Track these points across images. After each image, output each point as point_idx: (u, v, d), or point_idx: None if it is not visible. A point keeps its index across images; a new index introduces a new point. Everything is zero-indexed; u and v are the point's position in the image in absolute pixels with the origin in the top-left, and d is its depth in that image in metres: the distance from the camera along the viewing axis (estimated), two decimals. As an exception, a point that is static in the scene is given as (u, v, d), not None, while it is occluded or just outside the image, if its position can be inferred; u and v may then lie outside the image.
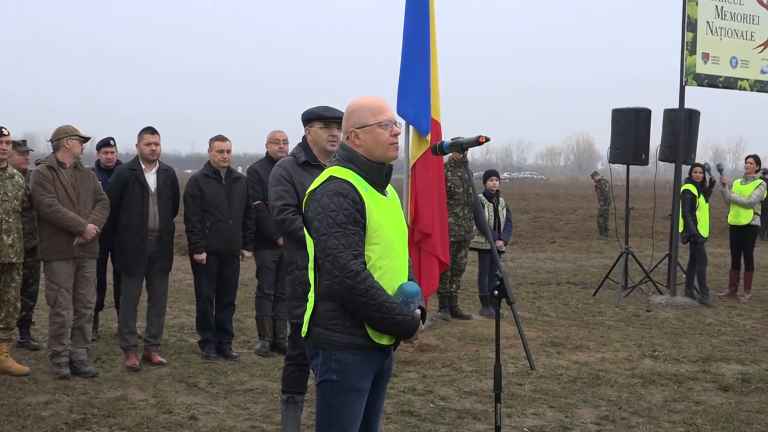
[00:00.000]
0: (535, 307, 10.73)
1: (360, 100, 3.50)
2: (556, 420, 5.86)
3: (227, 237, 7.46)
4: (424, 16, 8.03)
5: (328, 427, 3.35)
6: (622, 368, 7.37)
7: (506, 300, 3.48)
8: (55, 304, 6.78)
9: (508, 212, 10.41)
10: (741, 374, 7.21)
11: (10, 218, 6.70)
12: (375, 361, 3.39)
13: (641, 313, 10.45)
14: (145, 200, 7.15)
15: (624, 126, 11.82)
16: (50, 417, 5.71)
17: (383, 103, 3.50)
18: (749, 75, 12.05)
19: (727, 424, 5.81)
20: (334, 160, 3.49)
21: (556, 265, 15.88)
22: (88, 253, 6.87)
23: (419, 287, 3.44)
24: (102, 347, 7.82)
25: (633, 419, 5.91)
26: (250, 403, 6.17)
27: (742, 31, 11.97)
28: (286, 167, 5.06)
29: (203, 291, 7.56)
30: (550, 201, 39.25)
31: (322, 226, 3.26)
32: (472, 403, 6.21)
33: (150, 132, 7.37)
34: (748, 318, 10.24)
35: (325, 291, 3.31)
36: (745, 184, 11.76)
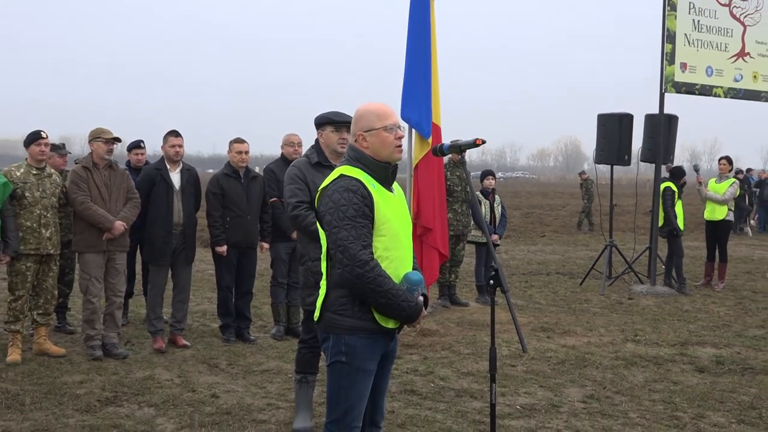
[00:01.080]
0: (527, 296, 10.73)
1: (368, 106, 3.50)
2: (546, 398, 5.86)
3: (245, 231, 7.46)
4: (425, 32, 8.05)
5: (338, 405, 3.35)
6: (607, 351, 7.37)
7: (501, 289, 3.48)
8: (86, 292, 6.80)
9: (502, 208, 10.41)
10: (715, 357, 7.20)
11: (48, 213, 6.72)
12: (381, 344, 3.39)
13: (624, 301, 10.44)
14: (170, 197, 7.16)
15: (608, 130, 11.84)
16: (84, 395, 5.73)
17: (389, 109, 3.50)
18: (723, 83, 12.07)
19: (703, 402, 5.80)
20: (344, 160, 3.49)
21: (546, 257, 15.87)
22: (119, 247, 6.89)
23: (422, 277, 3.44)
24: (131, 331, 7.83)
25: (616, 398, 5.91)
26: (267, 382, 6.18)
27: (717, 43, 11.99)
28: (300, 167, 5.06)
29: (223, 280, 7.57)
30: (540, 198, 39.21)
31: (333, 219, 3.25)
32: (469, 383, 6.22)
33: (174, 135, 7.38)
34: (721, 305, 10.23)
35: (336, 279, 3.31)
36: (719, 183, 11.79)
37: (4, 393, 5.69)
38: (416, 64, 8.00)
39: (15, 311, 6.68)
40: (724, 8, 12.08)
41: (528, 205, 32.00)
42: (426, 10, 8.06)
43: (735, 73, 12.18)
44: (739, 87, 12.23)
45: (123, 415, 5.30)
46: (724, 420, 5.42)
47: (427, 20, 8.05)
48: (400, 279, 3.32)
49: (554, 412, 5.55)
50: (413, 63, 8.01)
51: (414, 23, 8.06)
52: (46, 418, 5.20)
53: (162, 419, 5.24)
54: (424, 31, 8.04)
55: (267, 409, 5.48)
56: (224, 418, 5.26)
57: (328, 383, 3.40)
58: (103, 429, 5.00)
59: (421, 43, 8.03)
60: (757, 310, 9.88)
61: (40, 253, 6.68)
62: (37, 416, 5.23)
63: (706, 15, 11.86)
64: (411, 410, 5.49)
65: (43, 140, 6.80)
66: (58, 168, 7.42)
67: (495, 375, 3.58)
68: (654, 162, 11.61)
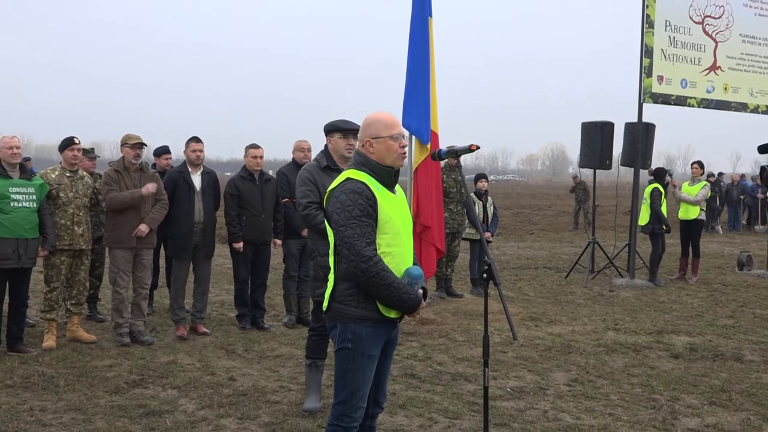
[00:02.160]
0: (517, 288, 10.72)
1: (375, 115, 3.48)
2: (534, 382, 5.86)
3: (260, 229, 7.46)
4: (424, 48, 8.06)
5: (344, 387, 3.35)
6: (589, 339, 7.37)
7: (493, 282, 3.47)
8: (115, 283, 6.81)
9: (494, 208, 10.40)
10: (689, 344, 7.19)
11: (81, 212, 6.73)
12: (384, 332, 3.39)
13: (605, 293, 10.43)
14: (191, 198, 7.16)
15: (591, 137, 11.85)
16: (113, 377, 5.74)
17: (394, 119, 3.49)
18: (696, 94, 12.07)
19: (677, 386, 5.80)
20: (351, 164, 3.48)
21: (534, 253, 15.85)
22: (146, 244, 6.89)
23: (422, 271, 3.43)
24: (156, 320, 7.84)
25: (598, 381, 5.90)
26: (279, 366, 6.18)
27: (690, 57, 11.98)
28: (310, 170, 5.06)
29: (240, 273, 7.57)
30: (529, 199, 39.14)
31: (340, 218, 3.25)
32: (464, 368, 6.21)
33: (195, 141, 7.38)
34: (695, 297, 10.21)
35: (343, 273, 3.31)
36: (692, 186, 11.80)
37: (41, 376, 5.70)
38: (416, 76, 8.01)
39: (50, 301, 6.69)
40: (698, 26, 12.08)
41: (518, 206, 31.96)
42: (425, 28, 8.07)
43: (707, 85, 12.17)
44: (711, 98, 12.23)
45: (148, 396, 5.31)
46: (697, 402, 5.42)
47: (426, 38, 8.07)
48: (401, 273, 3.32)
49: (541, 394, 5.54)
50: (413, 76, 8.02)
51: (414, 41, 8.07)
52: (79, 398, 5.21)
53: (184, 400, 5.24)
54: (424, 48, 8.05)
55: (280, 391, 5.48)
56: (241, 399, 5.26)
57: (336, 367, 3.40)
58: (130, 409, 5.00)
59: (420, 58, 8.04)
60: (727, 302, 9.87)
61: (73, 249, 6.69)
62: (71, 397, 5.24)
63: (681, 32, 11.85)
64: (411, 392, 5.50)
65: (76, 146, 6.81)
66: (88, 170, 7.42)
67: (488, 360, 3.57)
68: (633, 166, 11.61)
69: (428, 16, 8.12)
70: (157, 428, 4.65)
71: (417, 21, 8.07)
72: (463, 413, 5.04)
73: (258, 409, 5.05)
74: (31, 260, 6.36)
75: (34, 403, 5.08)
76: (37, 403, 5.10)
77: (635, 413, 5.12)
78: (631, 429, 4.79)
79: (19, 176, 6.32)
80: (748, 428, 4.86)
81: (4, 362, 6.07)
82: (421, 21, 8.06)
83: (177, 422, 4.76)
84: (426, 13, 8.10)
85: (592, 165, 12.02)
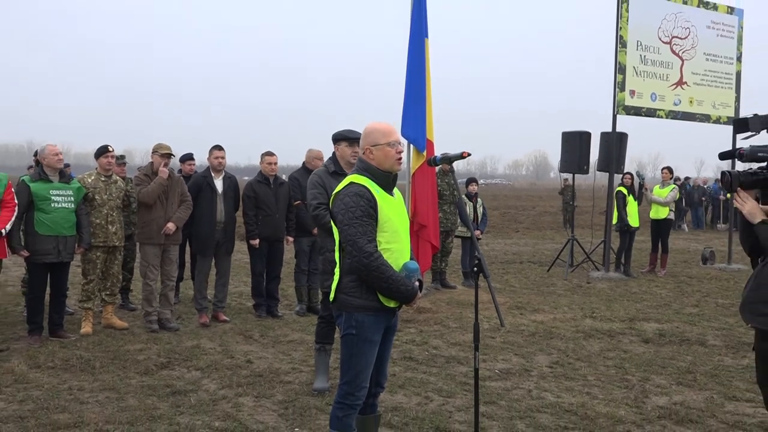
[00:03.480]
0: (504, 280, 10.72)
1: (374, 125, 3.47)
2: (520, 364, 5.85)
3: (274, 227, 7.45)
4: (421, 66, 8.04)
5: (350, 369, 3.34)
6: (569, 326, 7.35)
7: (483, 274, 3.46)
8: (145, 276, 6.80)
9: (484, 209, 10.39)
10: (658, 330, 7.18)
11: (114, 213, 6.73)
12: (384, 319, 3.38)
13: (583, 285, 10.42)
14: (214, 200, 7.16)
15: (570, 144, 11.84)
16: (143, 360, 5.73)
17: (392, 128, 3.47)
18: (665, 107, 12.07)
19: (648, 368, 5.79)
20: (354, 169, 3.47)
21: (519, 249, 15.84)
22: (172, 241, 6.89)
23: (418, 265, 3.42)
24: (182, 309, 7.84)
25: (577, 364, 5.89)
26: (292, 350, 6.18)
27: (659, 74, 11.99)
28: (320, 175, 5.05)
29: (256, 267, 7.56)
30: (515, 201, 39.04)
31: (344, 218, 3.24)
32: (457, 351, 6.21)
33: (218, 149, 7.38)
34: (663, 288, 10.20)
35: (347, 267, 3.30)
36: (662, 188, 11.80)
37: (79, 358, 5.70)
38: (414, 90, 8.00)
39: (87, 292, 6.68)
40: (666, 45, 12.08)
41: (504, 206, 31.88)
42: (422, 48, 8.06)
43: (674, 98, 12.18)
44: (677, 110, 12.23)
45: (175, 377, 5.30)
46: (665, 382, 5.41)
47: (422, 56, 8.05)
48: (399, 267, 3.30)
49: (526, 375, 5.53)
50: (411, 90, 8.01)
51: (412, 59, 8.06)
52: (113, 379, 5.21)
53: (206, 380, 5.24)
54: (420, 65, 8.04)
55: (292, 373, 5.48)
56: (257, 379, 5.26)
57: (342, 352, 3.39)
58: (158, 388, 5.00)
59: (417, 74, 8.02)
60: (692, 293, 9.86)
61: (107, 245, 6.69)
62: (105, 377, 5.24)
63: (651, 51, 11.86)
64: (409, 374, 5.49)
65: (110, 153, 6.81)
66: (119, 175, 7.42)
67: (478, 345, 3.56)
68: (608, 171, 11.61)
69: (425, 38, 8.11)
70: (183, 406, 4.65)
71: (415, 42, 8.07)
72: (456, 392, 5.03)
73: (272, 389, 5.05)
74: (69, 255, 6.36)
75: (72, 383, 5.08)
76: (75, 383, 5.10)
77: (610, 392, 5.11)
78: (606, 406, 4.77)
79: (58, 180, 6.33)
80: (712, 405, 4.84)
81: (46, 346, 6.07)
82: (419, 42, 8.06)
83: (200, 400, 4.76)
84: (423, 34, 8.10)
85: (571, 170, 12.04)
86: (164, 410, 4.54)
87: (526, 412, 4.62)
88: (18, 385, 4.99)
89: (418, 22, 8.08)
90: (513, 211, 29.31)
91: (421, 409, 4.66)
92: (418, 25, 8.07)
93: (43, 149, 6.35)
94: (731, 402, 4.93)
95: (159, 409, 4.55)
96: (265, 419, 4.43)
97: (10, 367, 5.40)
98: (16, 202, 6.04)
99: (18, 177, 6.46)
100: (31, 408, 4.53)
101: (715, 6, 12.75)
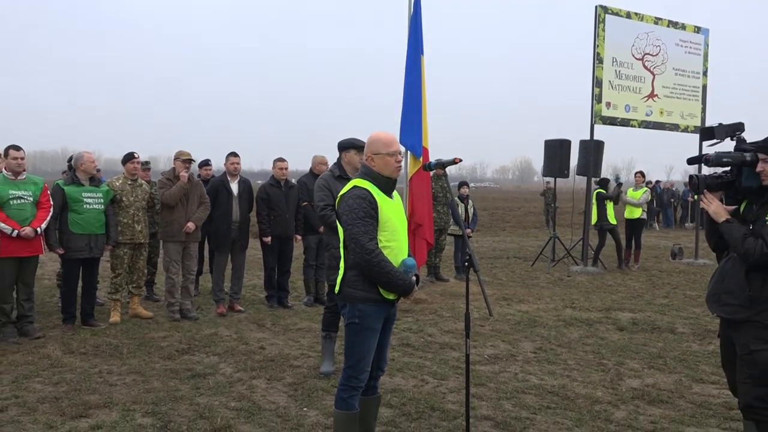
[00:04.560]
0: (492, 274, 10.71)
1: (377, 135, 3.45)
2: (506, 350, 5.85)
3: (285, 226, 7.45)
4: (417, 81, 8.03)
5: (353, 354, 3.34)
6: (551, 315, 7.35)
7: (473, 269, 3.46)
8: (168, 270, 6.80)
9: (474, 209, 10.38)
10: (632, 319, 7.18)
11: (140, 213, 6.73)
12: (384, 310, 3.37)
13: (564, 278, 10.42)
14: (230, 201, 7.16)
15: (552, 151, 11.85)
16: (166, 346, 5.73)
17: (393, 138, 3.46)
18: (637, 117, 12.07)
19: (622, 353, 5.79)
20: (358, 174, 3.47)
21: (506, 245, 15.84)
22: (192, 239, 6.89)
23: (415, 261, 3.42)
24: (201, 300, 7.84)
25: (558, 350, 5.89)
26: (300, 337, 6.18)
27: (633, 87, 11.99)
28: (326, 179, 5.05)
29: (269, 262, 7.55)
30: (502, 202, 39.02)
31: (348, 218, 3.24)
32: (450, 338, 6.20)
33: (233, 155, 7.38)
34: (636, 281, 10.20)
35: (351, 262, 3.29)
36: (636, 191, 11.79)
37: (108, 345, 5.70)
38: (411, 103, 7.99)
39: (116, 285, 6.69)
40: (639, 62, 12.08)
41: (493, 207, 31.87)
42: (418, 64, 8.05)
43: (646, 109, 12.18)
44: (649, 120, 12.23)
45: (195, 362, 5.30)
46: (638, 366, 5.41)
47: (419, 72, 8.04)
48: (398, 263, 3.30)
49: (512, 360, 5.53)
50: (409, 103, 8.00)
51: (409, 74, 8.04)
52: (139, 363, 5.21)
53: (224, 364, 5.24)
54: (417, 80, 8.03)
55: (301, 357, 5.48)
56: (269, 364, 5.26)
57: (346, 339, 3.39)
58: (180, 372, 5.00)
59: (414, 88, 8.01)
60: (662, 285, 9.86)
61: (133, 242, 6.69)
62: (132, 362, 5.24)
63: (625, 66, 11.86)
64: (407, 358, 5.49)
65: (136, 159, 6.82)
66: (144, 179, 7.42)
67: (469, 332, 3.56)
68: (586, 175, 11.60)
69: (420, 54, 8.11)
70: (202, 387, 4.65)
71: (412, 58, 8.06)
72: (449, 375, 5.03)
73: (283, 372, 5.05)
74: (99, 251, 6.36)
75: (102, 367, 5.08)
76: (105, 366, 5.10)
77: (588, 375, 5.11)
78: (585, 388, 4.78)
79: (89, 184, 6.33)
80: (680, 387, 4.85)
81: (78, 334, 6.08)
82: (415, 58, 8.05)
83: (218, 382, 4.76)
84: (419, 51, 8.09)
85: (553, 174, 12.03)
86: (185, 392, 4.54)
87: (512, 393, 4.62)
88: (53, 369, 4.99)
89: (414, 41, 8.07)
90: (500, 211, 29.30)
91: (418, 390, 4.66)
92: (415, 43, 8.06)
93: (80, 156, 6.36)
94: (698, 384, 4.94)
95: (180, 391, 4.55)
96: (277, 400, 4.43)
97: (47, 352, 5.40)
98: (51, 204, 6.05)
99: (53, 181, 6.47)
100: (65, 389, 4.53)
101: (683, 26, 12.75)
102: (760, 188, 3.04)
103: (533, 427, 4.01)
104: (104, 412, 4.12)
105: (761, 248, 2.90)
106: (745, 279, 3.00)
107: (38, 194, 5.96)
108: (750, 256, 2.94)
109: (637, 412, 4.29)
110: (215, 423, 3.93)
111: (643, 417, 4.21)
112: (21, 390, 4.50)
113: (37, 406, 4.19)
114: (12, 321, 5.91)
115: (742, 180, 3.08)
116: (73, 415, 4.05)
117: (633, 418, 4.19)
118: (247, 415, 4.11)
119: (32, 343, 5.73)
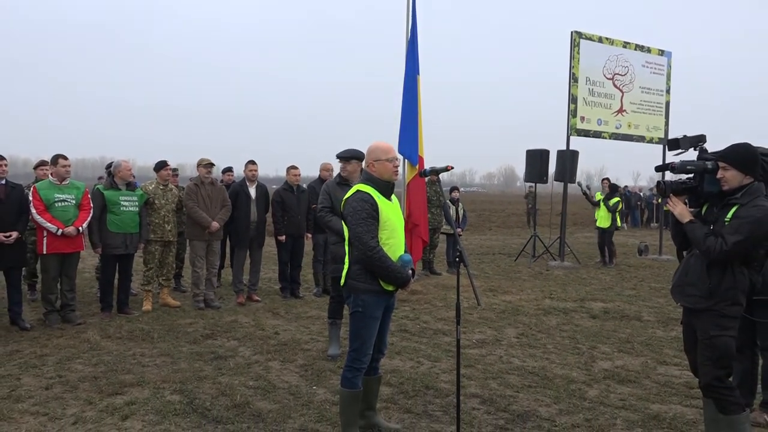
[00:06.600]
0: (480, 268, 10.69)
1: (377, 144, 3.45)
2: (493, 335, 5.83)
3: (297, 226, 7.43)
4: (414, 97, 8.01)
5: (357, 339, 3.33)
6: (532, 305, 7.33)
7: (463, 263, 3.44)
8: (193, 264, 6.78)
9: (464, 211, 10.37)
10: (603, 309, 7.16)
11: (169, 214, 6.72)
12: (384, 300, 3.36)
13: (543, 272, 10.39)
14: (248, 204, 7.14)
15: (533, 159, 11.85)
16: (192, 332, 5.72)
17: (390, 147, 3.45)
18: (608, 130, 12.05)
19: (595, 338, 5.77)
20: (360, 179, 3.46)
21: (492, 243, 15.81)
22: (215, 238, 6.88)
23: (411, 257, 3.41)
24: (222, 291, 7.82)
25: (538, 335, 5.87)
26: (310, 324, 6.16)
27: (604, 103, 11.97)
28: (329, 186, 5.06)
29: (282, 257, 7.53)
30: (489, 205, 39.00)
31: (353, 219, 3.23)
32: (442, 325, 6.19)
33: (252, 163, 7.37)
34: (607, 275, 10.17)
35: (355, 258, 3.28)
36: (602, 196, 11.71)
37: (141, 330, 5.69)
38: (408, 117, 7.97)
39: (147, 277, 6.67)
40: (609, 81, 12.08)
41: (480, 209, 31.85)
42: (414, 83, 8.04)
43: (616, 123, 12.16)
44: (619, 132, 12.22)
45: (217, 345, 5.29)
46: (609, 350, 5.39)
47: (415, 89, 8.03)
48: (396, 258, 3.29)
49: (498, 344, 5.52)
50: (406, 116, 7.99)
51: (407, 91, 8.03)
52: (168, 347, 5.20)
53: (243, 348, 5.22)
54: (414, 96, 8.01)
55: (310, 342, 5.46)
56: (283, 347, 5.24)
57: (350, 325, 3.38)
58: (204, 354, 4.99)
59: (411, 103, 8.00)
60: (630, 278, 9.83)
61: (163, 240, 6.68)
62: (162, 345, 5.23)
63: (597, 85, 11.85)
64: (405, 343, 5.47)
65: (168, 167, 6.81)
66: (173, 184, 7.41)
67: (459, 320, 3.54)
68: (562, 181, 11.59)
69: (417, 74, 8.09)
70: (224, 368, 4.63)
71: (409, 77, 8.04)
72: (442, 358, 5.02)
73: (295, 355, 5.03)
74: (134, 248, 6.35)
75: (136, 350, 5.07)
76: (138, 350, 5.09)
77: (565, 358, 5.09)
78: (562, 369, 4.76)
79: (126, 188, 6.32)
80: (646, 368, 4.83)
81: (115, 321, 6.06)
82: (412, 77, 8.03)
83: (237, 364, 4.74)
84: (415, 71, 8.07)
85: (534, 180, 12.03)
86: (209, 372, 4.52)
87: (497, 374, 4.60)
88: (92, 352, 4.98)
89: (411, 62, 8.05)
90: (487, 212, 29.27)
91: (414, 371, 4.64)
92: (412, 64, 8.04)
93: (119, 164, 6.36)
94: (662, 366, 4.92)
95: (204, 371, 4.53)
96: (289, 379, 4.41)
97: (86, 337, 5.39)
98: (91, 206, 6.04)
99: (92, 186, 6.46)
100: (103, 370, 4.52)
101: (648, 49, 12.73)
102: (720, 193, 3.04)
103: (516, 403, 3.99)
104: (137, 389, 4.11)
105: (720, 246, 2.89)
106: (706, 273, 2.99)
107: (80, 197, 5.95)
108: (711, 253, 2.93)
109: (608, 391, 4.27)
110: (235, 399, 3.92)
111: (614, 395, 4.19)
112: (64, 370, 4.49)
113: (78, 384, 4.18)
114: (56, 309, 5.91)
115: (704, 185, 3.08)
116: (110, 392, 4.04)
117: (604, 395, 4.17)
118: (263, 393, 4.09)
119: (74, 328, 5.72)
